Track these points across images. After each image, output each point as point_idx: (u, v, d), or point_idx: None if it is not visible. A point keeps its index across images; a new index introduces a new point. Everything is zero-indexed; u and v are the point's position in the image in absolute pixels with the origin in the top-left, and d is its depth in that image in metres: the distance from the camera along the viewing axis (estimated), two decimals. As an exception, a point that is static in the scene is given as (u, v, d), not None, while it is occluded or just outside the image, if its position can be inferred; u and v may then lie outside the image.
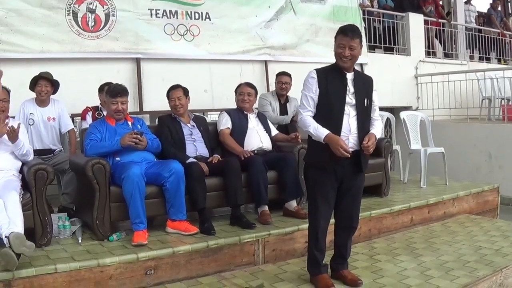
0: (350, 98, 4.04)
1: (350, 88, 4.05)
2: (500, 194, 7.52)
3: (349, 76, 4.08)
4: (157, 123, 5.84)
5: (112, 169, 4.84)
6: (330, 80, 4.04)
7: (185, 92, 5.73)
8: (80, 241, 4.64)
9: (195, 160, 5.26)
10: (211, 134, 5.88)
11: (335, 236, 4.36)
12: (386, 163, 6.80)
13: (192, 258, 4.48)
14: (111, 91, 5.16)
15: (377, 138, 4.12)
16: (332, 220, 4.27)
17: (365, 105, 4.11)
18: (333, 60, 4.10)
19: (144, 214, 4.63)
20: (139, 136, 4.96)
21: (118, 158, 4.98)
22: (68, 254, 4.24)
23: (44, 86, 5.81)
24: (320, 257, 4.21)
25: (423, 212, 6.35)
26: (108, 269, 4.09)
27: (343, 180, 4.11)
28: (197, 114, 6.23)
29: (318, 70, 4.11)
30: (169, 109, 5.77)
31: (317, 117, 4.02)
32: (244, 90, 6.01)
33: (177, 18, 7.62)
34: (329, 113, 4.01)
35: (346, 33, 3.99)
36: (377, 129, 4.18)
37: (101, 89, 6.15)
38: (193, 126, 5.71)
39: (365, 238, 5.66)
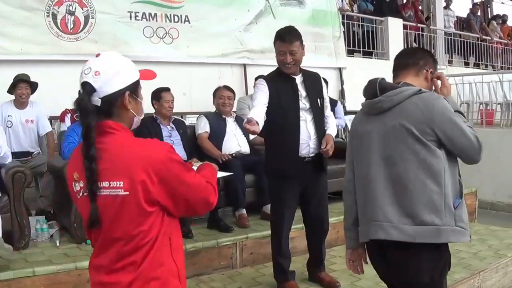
0: (304, 103, 4.00)
1: (302, 92, 4.01)
2: (478, 198, 7.55)
3: (298, 79, 4.04)
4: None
5: (90, 172, 4.80)
6: (280, 88, 3.98)
7: None
8: (58, 244, 4.62)
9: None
10: (189, 137, 5.87)
11: (308, 241, 4.40)
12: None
13: (169, 261, 4.47)
14: None
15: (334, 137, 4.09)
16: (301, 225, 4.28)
17: (319, 105, 4.07)
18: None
19: (121, 217, 4.61)
20: None
21: (96, 161, 4.94)
22: (46, 257, 4.23)
23: (25, 89, 5.80)
24: (286, 263, 4.21)
25: (400, 215, 6.36)
26: (86, 273, 4.02)
27: (307, 185, 4.11)
28: (176, 117, 6.21)
29: (266, 78, 4.08)
30: (147, 111, 5.75)
31: (274, 128, 3.97)
32: (224, 94, 5.95)
33: (156, 20, 7.61)
34: (285, 122, 3.96)
35: (284, 39, 3.93)
36: (332, 128, 4.15)
37: None
38: (173, 128, 5.69)
39: (343, 241, 5.58)
